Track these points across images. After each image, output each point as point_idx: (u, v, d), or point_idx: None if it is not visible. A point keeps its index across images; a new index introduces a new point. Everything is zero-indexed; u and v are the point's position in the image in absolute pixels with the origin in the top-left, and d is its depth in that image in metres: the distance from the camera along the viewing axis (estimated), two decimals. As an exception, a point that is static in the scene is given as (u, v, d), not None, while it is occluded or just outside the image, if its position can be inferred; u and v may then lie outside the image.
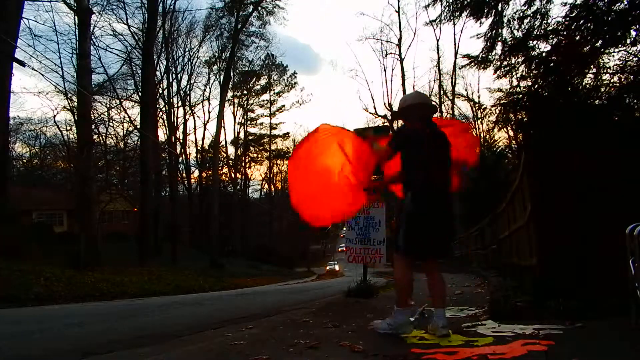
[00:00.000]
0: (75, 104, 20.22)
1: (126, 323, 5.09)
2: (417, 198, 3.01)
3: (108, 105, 28.31)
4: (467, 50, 33.80)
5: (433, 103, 3.52)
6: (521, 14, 5.88)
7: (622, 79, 5.25)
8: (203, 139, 45.75)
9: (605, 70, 5.40)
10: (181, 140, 39.46)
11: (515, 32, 6.04)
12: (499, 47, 6.28)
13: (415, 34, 50.81)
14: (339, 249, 52.05)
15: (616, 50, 5.23)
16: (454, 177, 3.38)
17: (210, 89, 44.87)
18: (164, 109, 34.16)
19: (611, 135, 3.99)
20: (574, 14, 5.20)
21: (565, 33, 5.42)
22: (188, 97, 38.76)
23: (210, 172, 40.35)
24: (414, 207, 3.00)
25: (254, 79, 46.99)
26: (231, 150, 48.60)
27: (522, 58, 5.86)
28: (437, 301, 3.11)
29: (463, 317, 3.88)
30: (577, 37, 5.23)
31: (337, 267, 41.75)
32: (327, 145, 3.47)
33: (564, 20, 5.39)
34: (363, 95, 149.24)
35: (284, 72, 49.88)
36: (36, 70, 16.90)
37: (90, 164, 16.29)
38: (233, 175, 48.15)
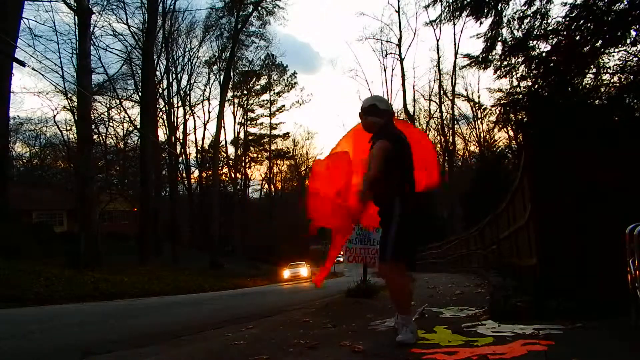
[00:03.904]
0: (75, 104, 20.23)
1: (126, 323, 5.09)
2: (404, 201, 2.90)
3: (108, 105, 28.38)
4: (467, 50, 33.91)
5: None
6: (521, 14, 5.87)
7: (622, 79, 5.25)
8: (203, 139, 45.68)
9: (605, 70, 5.40)
10: (181, 140, 39.57)
11: (515, 32, 6.03)
12: (499, 47, 6.27)
13: (415, 34, 50.66)
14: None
15: (616, 50, 5.23)
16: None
17: (210, 89, 44.84)
18: (164, 109, 34.26)
19: (611, 135, 3.98)
20: (574, 14, 5.19)
21: (565, 33, 5.41)
22: (188, 97, 38.92)
23: (210, 172, 40.37)
24: (403, 210, 2.87)
25: (254, 79, 46.94)
26: (231, 150, 48.64)
27: (522, 58, 5.85)
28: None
29: (463, 317, 3.87)
30: (577, 37, 5.23)
31: (304, 273, 28.95)
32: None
33: (564, 20, 5.38)
34: (363, 95, 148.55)
35: (284, 72, 49.89)
36: (36, 70, 16.87)
37: (90, 164, 16.29)
38: (233, 175, 48.17)
